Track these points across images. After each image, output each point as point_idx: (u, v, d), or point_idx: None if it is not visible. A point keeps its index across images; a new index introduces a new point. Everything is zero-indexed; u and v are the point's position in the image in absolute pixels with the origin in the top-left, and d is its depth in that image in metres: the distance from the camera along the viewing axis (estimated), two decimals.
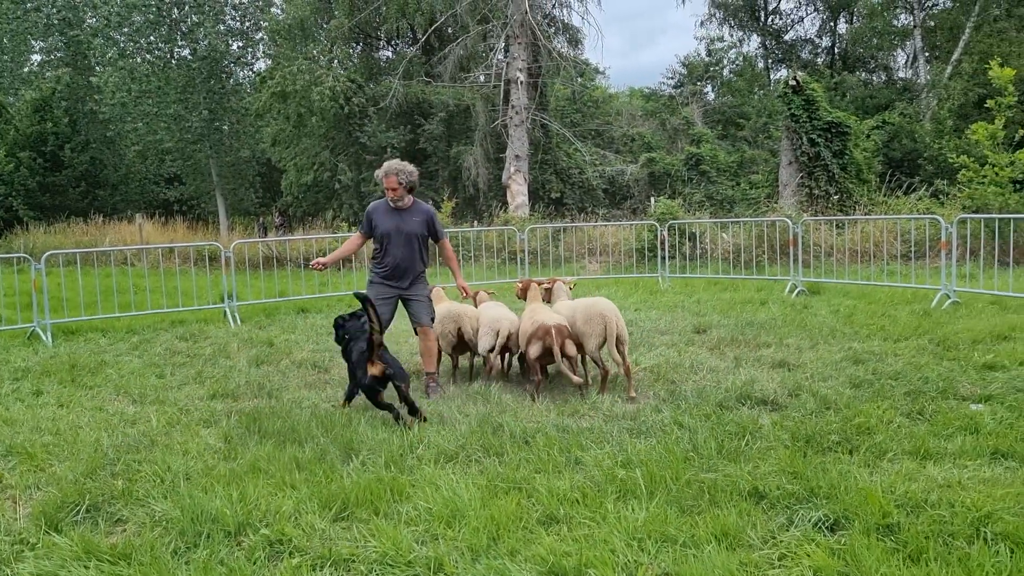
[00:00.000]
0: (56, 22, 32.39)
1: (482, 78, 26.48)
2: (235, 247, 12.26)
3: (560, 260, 17.37)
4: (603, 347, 6.35)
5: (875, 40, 36.70)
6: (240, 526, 3.87)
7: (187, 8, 30.57)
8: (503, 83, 24.64)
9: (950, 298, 10.25)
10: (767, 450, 4.73)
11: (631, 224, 18.01)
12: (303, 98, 26.39)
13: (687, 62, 42.59)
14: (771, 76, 41.35)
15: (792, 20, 41.45)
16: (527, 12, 23.64)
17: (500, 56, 25.39)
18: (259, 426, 5.52)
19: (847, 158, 20.45)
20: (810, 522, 3.71)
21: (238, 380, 7.24)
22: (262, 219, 36.51)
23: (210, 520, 3.89)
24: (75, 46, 33.23)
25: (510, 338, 6.74)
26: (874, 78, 38.26)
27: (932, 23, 34.41)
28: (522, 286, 7.34)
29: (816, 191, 20.00)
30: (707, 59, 42.41)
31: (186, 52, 31.14)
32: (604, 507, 3.94)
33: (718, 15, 40.48)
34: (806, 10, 40.47)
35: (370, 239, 6.94)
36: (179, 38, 30.92)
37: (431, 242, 7.01)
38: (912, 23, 34.35)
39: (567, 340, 6.19)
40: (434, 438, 5.12)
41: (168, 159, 33.89)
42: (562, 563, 3.38)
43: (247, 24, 33.22)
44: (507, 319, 6.83)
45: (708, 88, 42.00)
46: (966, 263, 12.38)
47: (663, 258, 14.56)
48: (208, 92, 30.56)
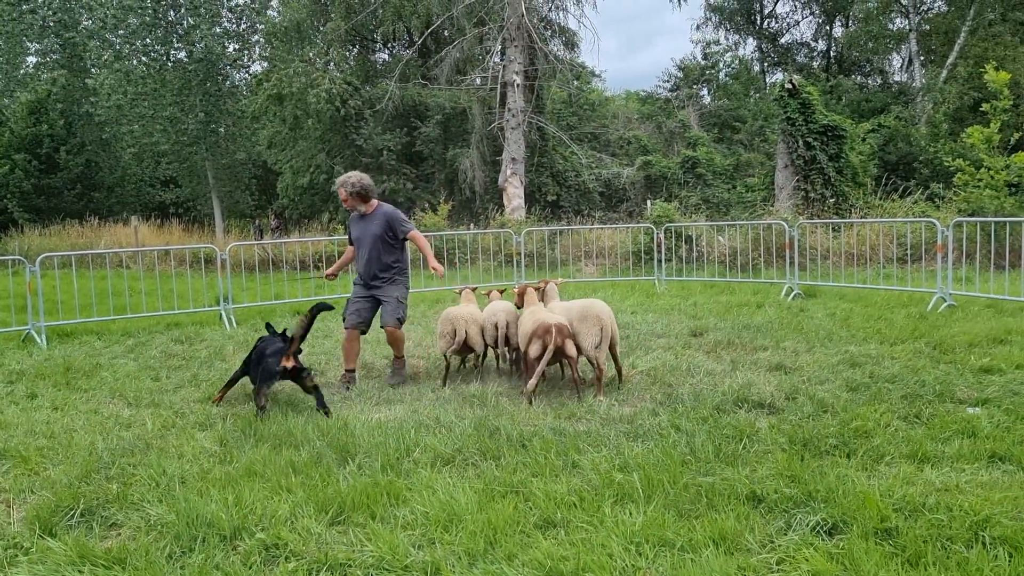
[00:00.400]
0: (52, 24, 32.32)
1: (478, 81, 26.50)
2: (231, 249, 12.22)
3: (556, 263, 17.38)
4: (598, 348, 6.37)
5: (871, 44, 36.84)
6: (236, 530, 3.85)
7: (183, 10, 30.53)
8: (499, 86, 24.66)
9: (946, 301, 10.27)
10: (764, 453, 4.72)
11: (627, 227, 18.02)
12: (299, 101, 26.40)
13: (683, 65, 42.73)
14: (767, 79, 41.51)
15: (788, 24, 41.65)
16: (523, 15, 23.67)
17: (496, 59, 25.43)
18: (255, 429, 5.50)
19: (843, 161, 20.51)
20: (808, 526, 3.70)
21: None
22: (258, 221, 36.49)
23: (205, 524, 3.87)
24: (71, 48, 33.15)
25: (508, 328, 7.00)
26: (869, 82, 38.43)
27: (927, 27, 34.54)
28: (518, 291, 7.33)
29: (812, 194, 20.04)
30: (703, 62, 42.56)
31: (182, 54, 31.10)
32: (601, 511, 3.93)
33: (714, 18, 40.67)
34: (802, 14, 40.66)
35: None
36: (175, 40, 30.87)
37: (404, 240, 7.29)
38: (907, 27, 34.48)
39: (567, 340, 6.19)
40: (430, 442, 5.10)
41: (164, 161, 33.84)
42: (559, 567, 3.37)
43: (243, 26, 33.20)
44: (504, 310, 7.10)
45: (704, 91, 42.16)
46: (962, 266, 12.39)
47: (659, 261, 14.56)
48: (204, 94, 30.52)
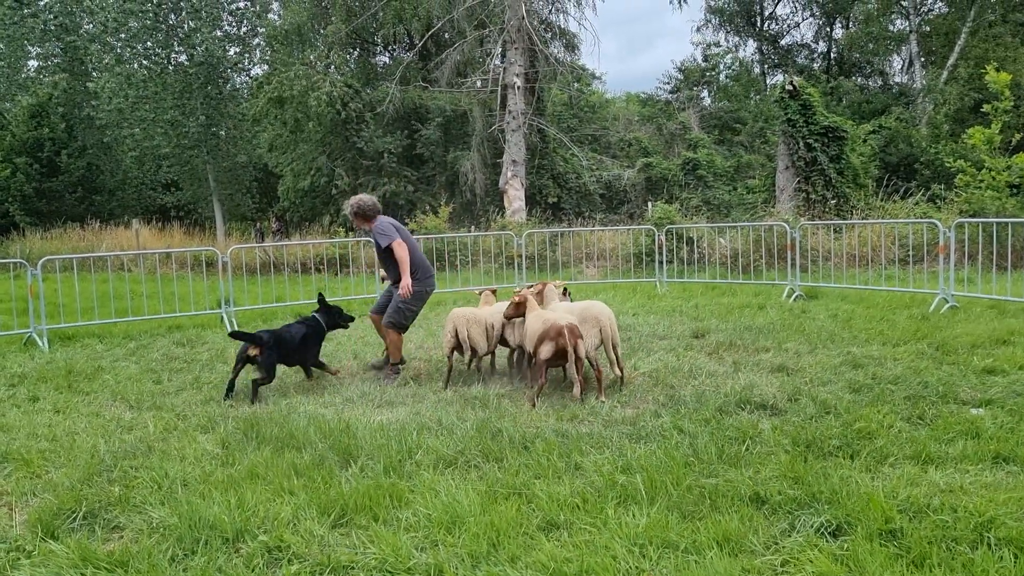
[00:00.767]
0: (53, 28, 32.38)
1: (479, 83, 26.50)
2: (232, 252, 12.22)
3: (557, 265, 17.37)
4: (598, 349, 6.38)
5: (871, 45, 36.84)
6: (238, 533, 3.84)
7: (184, 14, 30.56)
8: (500, 88, 24.67)
9: (948, 302, 10.25)
10: (768, 455, 4.71)
11: (628, 229, 18.01)
12: (300, 103, 26.41)
13: (683, 67, 42.72)
14: (767, 81, 41.51)
15: (788, 25, 41.68)
16: (524, 17, 23.68)
17: (497, 61, 25.43)
18: (257, 432, 5.49)
19: (844, 163, 20.50)
20: (812, 527, 3.69)
21: (236, 385, 7.21)
22: (259, 224, 36.49)
23: (208, 527, 3.86)
24: (72, 52, 33.22)
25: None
26: (870, 83, 38.44)
27: (928, 28, 34.54)
28: (518, 300, 7.16)
29: (813, 195, 20.02)
30: (703, 64, 42.55)
31: (183, 58, 31.12)
32: (604, 513, 3.92)
33: (714, 20, 40.71)
34: (802, 15, 40.68)
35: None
36: (176, 44, 30.90)
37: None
38: (908, 28, 34.48)
39: (579, 341, 6.15)
40: (433, 444, 5.09)
41: (165, 164, 33.85)
42: (563, 569, 3.36)
43: (244, 30, 33.23)
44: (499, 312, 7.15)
45: (704, 93, 42.15)
46: (964, 267, 12.38)
47: (661, 263, 14.55)
48: (205, 98, 30.54)
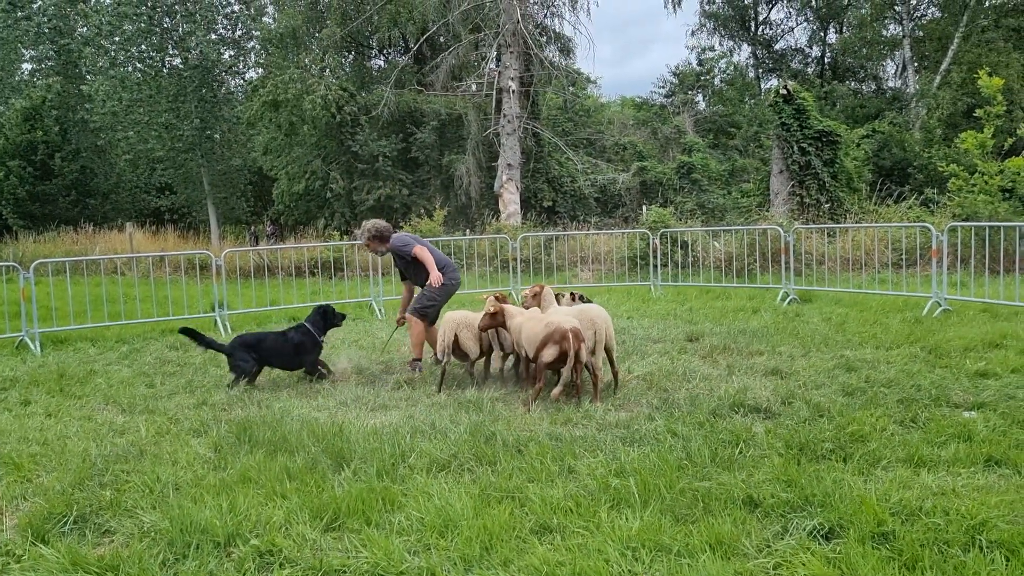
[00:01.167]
0: (47, 31, 32.35)
1: (474, 87, 26.53)
2: (226, 256, 12.19)
3: (552, 268, 17.37)
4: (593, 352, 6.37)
5: (865, 50, 37.02)
6: (230, 537, 3.83)
7: (178, 17, 30.56)
8: (495, 92, 24.71)
9: (941, 306, 10.28)
10: (761, 458, 4.71)
11: (623, 232, 18.03)
12: (295, 107, 26.41)
13: (678, 71, 42.85)
14: (762, 85, 41.67)
15: (782, 30, 41.90)
16: (519, 21, 23.73)
17: (492, 65, 25.48)
18: (249, 435, 5.47)
19: (837, 167, 20.57)
20: (805, 530, 3.69)
21: (229, 389, 7.19)
22: (253, 228, 36.46)
23: (199, 531, 3.85)
24: (66, 55, 33.17)
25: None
26: (864, 88, 38.63)
27: (921, 33, 34.72)
28: (493, 310, 7.12)
29: (807, 199, 20.09)
30: (698, 68, 42.69)
31: (177, 61, 31.12)
32: (598, 516, 3.91)
33: (709, 25, 40.85)
34: (796, 20, 40.89)
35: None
36: (170, 47, 30.90)
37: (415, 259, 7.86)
38: (901, 33, 34.66)
39: (582, 345, 6.13)
40: (426, 447, 5.08)
41: (159, 168, 33.82)
42: (556, 573, 3.35)
43: (239, 33, 33.26)
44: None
45: (699, 97, 42.29)
46: (957, 271, 12.42)
47: (655, 266, 14.56)
48: (199, 101, 30.52)
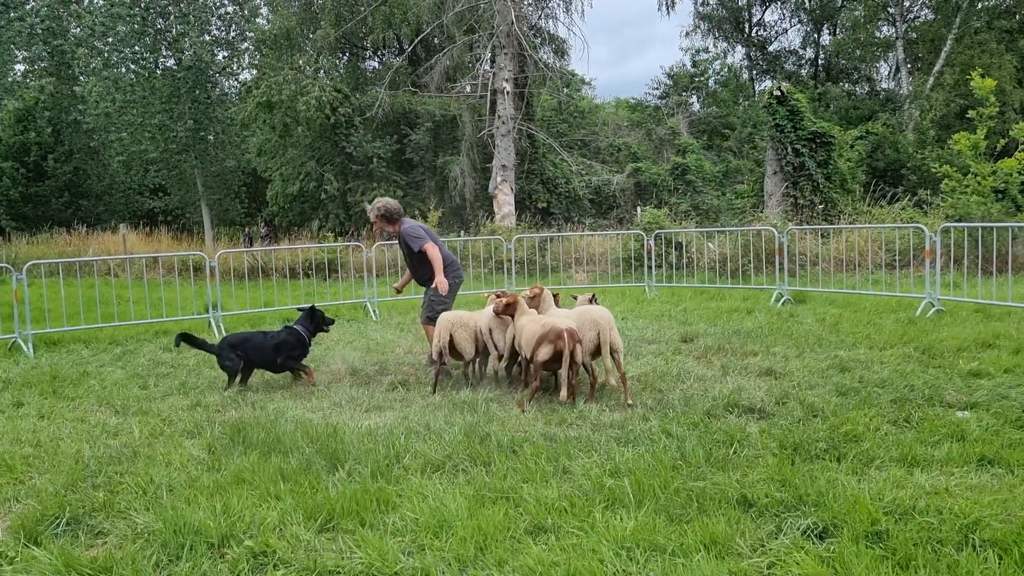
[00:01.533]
0: (40, 31, 32.22)
1: (468, 88, 26.53)
2: (220, 257, 12.17)
3: (547, 270, 17.37)
4: (596, 356, 6.33)
5: (858, 52, 37.14)
6: (224, 538, 3.82)
7: (172, 18, 30.50)
8: (489, 93, 24.69)
9: (934, 306, 10.31)
10: (755, 458, 4.72)
11: (617, 234, 18.05)
12: (289, 108, 26.37)
13: (672, 73, 42.91)
14: (756, 87, 41.76)
15: (776, 32, 41.98)
16: (513, 23, 23.73)
17: (486, 66, 25.46)
18: (243, 437, 5.45)
19: (831, 168, 20.63)
20: (799, 530, 3.70)
21: (222, 390, 7.18)
22: (248, 229, 36.39)
23: (193, 532, 3.84)
24: (59, 56, 33.07)
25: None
26: (857, 89, 38.74)
27: (914, 35, 34.86)
28: (509, 300, 7.09)
29: (801, 200, 20.14)
30: (692, 70, 42.76)
31: (171, 62, 31.05)
32: (592, 516, 3.91)
33: (703, 26, 40.93)
34: (790, 22, 40.97)
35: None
36: (164, 48, 30.84)
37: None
38: (894, 35, 34.79)
39: (578, 345, 6.14)
40: (421, 448, 5.07)
41: (153, 169, 33.75)
42: (550, 573, 3.35)
43: (233, 34, 33.20)
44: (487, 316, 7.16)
45: (693, 99, 42.35)
46: (950, 272, 12.46)
47: (649, 267, 14.58)
48: (193, 102, 30.46)
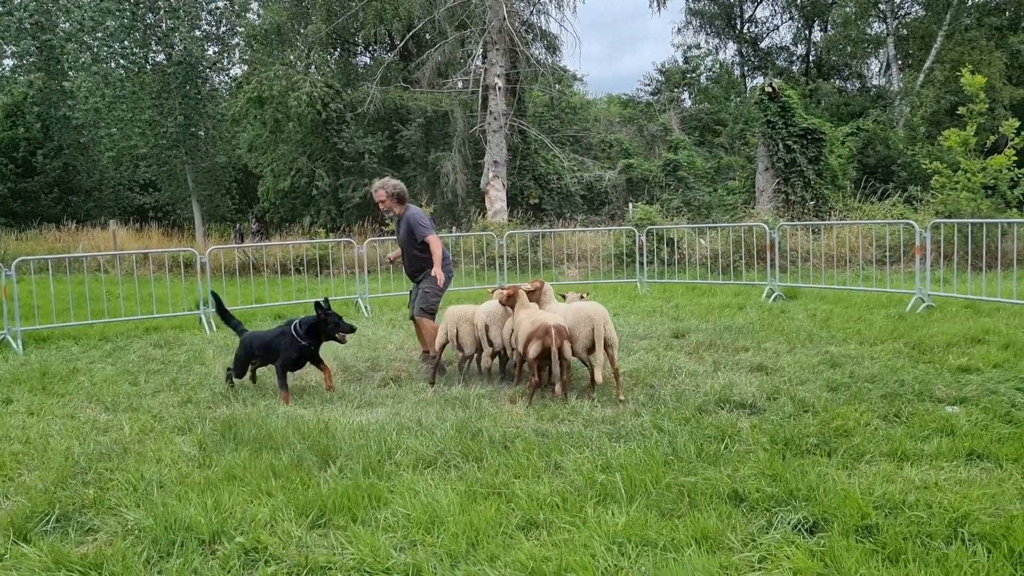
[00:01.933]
0: (28, 26, 31.93)
1: (460, 84, 26.47)
2: (211, 253, 12.12)
3: (539, 266, 17.38)
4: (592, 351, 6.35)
5: (849, 48, 37.21)
6: (215, 534, 3.81)
7: (162, 13, 30.29)
8: (481, 89, 24.65)
9: (924, 302, 10.36)
10: (746, 453, 4.73)
11: (609, 230, 18.06)
12: (280, 104, 26.26)
13: (664, 69, 42.90)
14: (747, 83, 41.80)
15: (768, 28, 42.04)
16: (505, 18, 23.68)
17: (478, 62, 25.41)
18: (234, 433, 5.44)
19: (822, 164, 20.69)
20: (790, 524, 3.71)
21: (213, 387, 7.16)
22: (239, 225, 36.23)
23: (184, 528, 3.82)
24: (48, 51, 32.79)
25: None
26: (848, 86, 38.86)
27: (905, 32, 34.94)
28: (510, 292, 7.14)
29: (792, 197, 20.19)
30: (684, 66, 42.75)
31: (161, 57, 30.84)
32: (584, 511, 3.92)
33: (695, 22, 40.93)
34: (781, 18, 41.03)
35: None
36: (154, 43, 30.62)
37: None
38: (885, 32, 34.86)
39: (566, 341, 6.16)
40: (412, 444, 5.07)
41: (143, 165, 33.55)
42: (542, 568, 3.35)
43: (223, 29, 33.00)
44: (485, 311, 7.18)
45: (685, 95, 42.34)
46: (940, 267, 12.52)
47: (641, 263, 14.60)
48: (184, 97, 30.28)
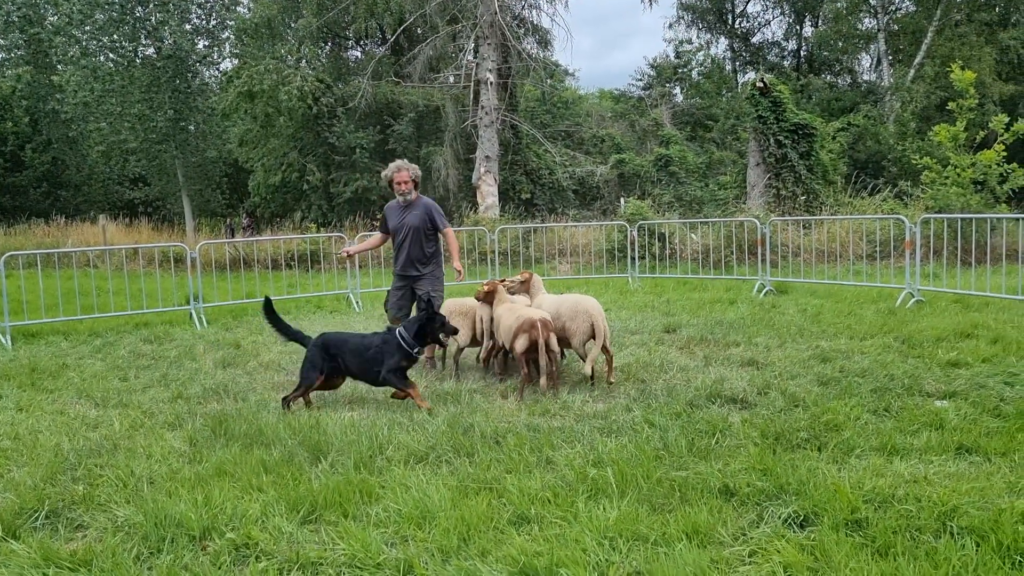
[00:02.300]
0: (16, 19, 31.69)
1: (452, 79, 26.42)
2: (201, 248, 12.07)
3: (531, 261, 17.37)
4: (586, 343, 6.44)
5: (840, 44, 37.26)
6: (205, 530, 3.79)
7: (151, 6, 30.09)
8: (473, 84, 24.60)
9: (914, 297, 10.41)
10: (737, 448, 4.75)
11: (601, 225, 18.07)
12: (271, 98, 26.12)
13: (656, 64, 42.88)
14: (739, 78, 41.80)
15: (759, 23, 41.99)
16: (496, 13, 23.63)
17: (470, 57, 25.35)
18: (225, 429, 5.42)
19: (813, 159, 20.74)
20: (780, 518, 3.72)
21: (204, 382, 7.13)
22: (229, 220, 36.10)
23: (174, 524, 3.81)
24: (36, 44, 32.57)
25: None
26: (839, 81, 38.92)
27: (895, 27, 35.01)
28: (488, 288, 7.21)
29: (783, 192, 20.24)
30: (676, 61, 42.74)
31: (150, 51, 30.65)
32: (575, 506, 3.92)
33: (686, 17, 40.88)
34: (773, 13, 41.02)
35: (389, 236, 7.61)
36: (143, 36, 30.43)
37: (438, 234, 7.55)
38: (876, 27, 34.94)
39: (552, 334, 6.23)
40: (404, 439, 5.07)
41: (132, 159, 33.37)
42: (533, 563, 3.35)
43: (213, 23, 32.80)
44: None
45: (677, 90, 42.35)
46: (929, 262, 12.59)
47: (633, 258, 14.62)
48: (173, 91, 30.11)
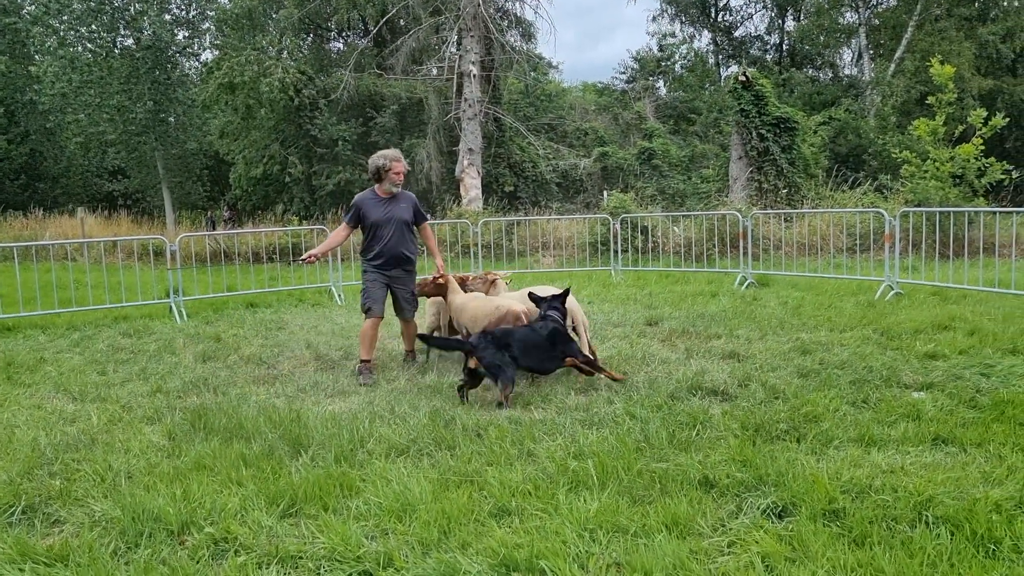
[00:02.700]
0: None
1: (435, 71, 26.33)
2: (181, 241, 11.96)
3: (514, 254, 17.37)
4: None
5: (822, 38, 37.49)
6: (183, 525, 3.77)
7: None
8: (456, 76, 24.53)
9: (893, 289, 10.50)
10: (717, 439, 4.77)
11: (584, 218, 18.09)
12: (252, 90, 25.93)
13: (639, 57, 42.95)
14: (721, 72, 41.95)
15: (742, 17, 42.21)
16: (480, 5, 23.56)
17: (453, 49, 25.27)
18: (204, 422, 5.39)
19: (795, 153, 20.85)
20: (759, 509, 3.75)
21: (183, 376, 7.08)
22: (210, 213, 35.82)
23: (152, 519, 3.78)
24: (12, 34, 32.15)
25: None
26: (821, 75, 39.14)
27: (876, 22, 35.26)
28: (441, 280, 7.22)
29: (765, 185, 20.34)
30: (659, 54, 42.83)
31: (129, 41, 30.34)
32: (556, 498, 3.93)
33: (670, 10, 40.96)
34: (755, 7, 41.18)
35: (356, 230, 7.20)
36: (122, 27, 30.10)
37: (416, 228, 7.33)
38: (857, 21, 35.17)
39: None
40: (385, 432, 5.05)
41: (111, 151, 33.04)
42: (514, 555, 3.36)
43: (193, 13, 32.50)
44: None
45: (660, 83, 42.44)
46: (908, 255, 12.69)
47: (615, 251, 14.64)
48: (153, 83, 29.81)
